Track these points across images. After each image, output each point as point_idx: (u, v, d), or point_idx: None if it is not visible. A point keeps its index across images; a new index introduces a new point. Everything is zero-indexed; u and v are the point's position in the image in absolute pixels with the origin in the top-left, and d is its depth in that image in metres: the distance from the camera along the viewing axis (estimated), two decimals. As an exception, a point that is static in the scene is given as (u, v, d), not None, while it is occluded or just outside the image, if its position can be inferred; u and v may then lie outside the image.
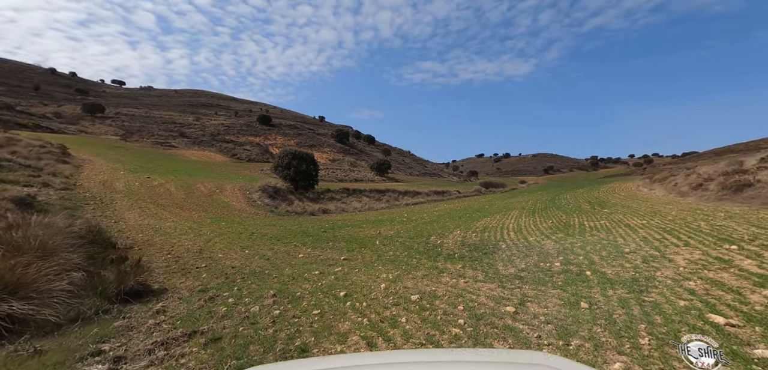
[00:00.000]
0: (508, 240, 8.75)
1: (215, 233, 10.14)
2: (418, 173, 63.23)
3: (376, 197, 28.75)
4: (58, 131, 36.18)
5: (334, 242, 9.85)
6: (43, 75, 71.38)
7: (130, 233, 9.11)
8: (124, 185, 15.97)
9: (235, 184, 20.79)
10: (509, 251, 7.41)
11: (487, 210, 17.53)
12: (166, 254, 7.31)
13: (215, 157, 38.81)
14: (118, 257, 6.04)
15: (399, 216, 17.37)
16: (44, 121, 39.60)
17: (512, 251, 7.31)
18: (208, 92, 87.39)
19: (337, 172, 45.22)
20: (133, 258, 6.10)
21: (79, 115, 46.24)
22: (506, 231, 10.28)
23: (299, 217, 17.29)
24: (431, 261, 6.88)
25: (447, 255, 7.39)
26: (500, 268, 5.98)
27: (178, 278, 5.67)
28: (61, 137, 30.73)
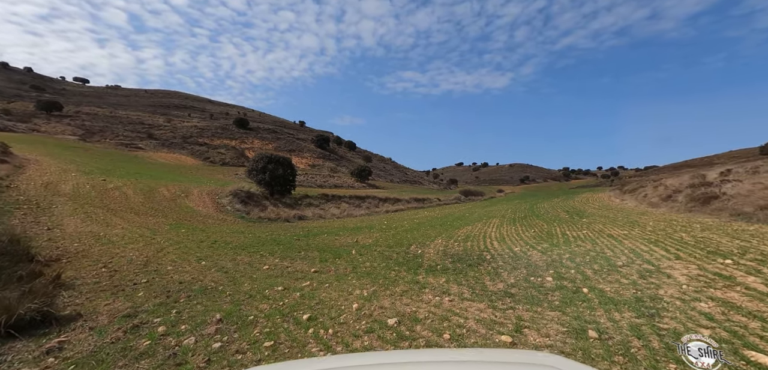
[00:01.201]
0: (492, 250, 8.19)
1: (170, 242, 8.93)
2: (398, 180, 62.86)
3: (356, 203, 27.86)
4: (3, 129, 32.79)
5: (306, 251, 8.93)
6: (-5, 68, 65.41)
7: (63, 241, 7.76)
8: (72, 187, 14.22)
9: (203, 188, 19.26)
10: (495, 262, 6.81)
11: (468, 218, 17.11)
12: (100, 267, 6.13)
13: (186, 161, 36.53)
14: (30, 273, 4.87)
15: (378, 223, 16.59)
16: (-9, 116, 35.87)
17: (498, 263, 6.72)
18: (182, 93, 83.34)
19: (316, 178, 43.93)
20: (49, 274, 4.94)
21: (31, 113, 42.34)
22: (489, 240, 9.75)
23: (272, 223, 16.12)
24: (412, 274, 6.15)
25: (429, 267, 6.69)
26: (488, 283, 5.33)
27: (104, 298, 4.59)
28: (5, 135, 27.75)
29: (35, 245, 7.26)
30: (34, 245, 7.25)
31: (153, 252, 7.63)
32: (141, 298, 4.63)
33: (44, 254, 6.53)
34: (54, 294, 4.37)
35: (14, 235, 5.92)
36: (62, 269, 5.66)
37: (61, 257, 6.54)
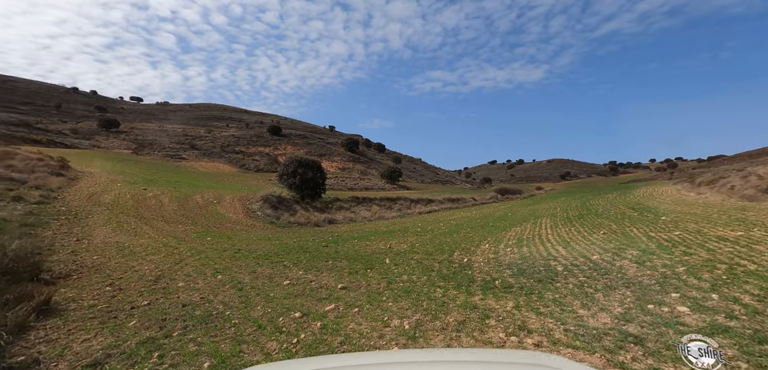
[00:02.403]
0: (560, 258, 6.50)
1: (193, 252, 8.27)
2: (429, 181, 60.90)
3: (387, 205, 26.70)
4: (70, 146, 35.84)
5: (334, 259, 7.82)
6: (65, 94, 73.14)
7: (85, 254, 7.33)
8: (113, 197, 14.46)
9: (235, 194, 19.12)
10: (573, 277, 5.18)
11: (512, 218, 15.19)
12: (106, 285, 5.42)
13: (223, 168, 37.71)
14: (20, 296, 4.16)
15: (412, 226, 15.22)
16: (59, 137, 39.50)
17: (579, 278, 5.09)
18: (221, 105, 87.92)
19: (346, 181, 43.51)
20: (40, 298, 4.20)
21: (94, 131, 46.28)
22: (549, 244, 8.01)
23: (302, 228, 15.38)
24: (464, 293, 4.74)
25: (485, 283, 5.22)
26: (582, 312, 3.78)
27: (87, 331, 3.72)
28: (69, 152, 30.12)
29: (55, 258, 6.85)
30: (54, 258, 6.84)
31: (170, 264, 6.93)
32: (129, 331, 3.70)
33: (58, 270, 6.00)
34: (26, 327, 3.56)
35: (23, 250, 5.38)
36: (62, 288, 5.00)
37: (73, 272, 5.97)
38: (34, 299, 4.14)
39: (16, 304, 3.97)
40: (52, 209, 11.27)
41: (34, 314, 3.87)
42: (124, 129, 48.85)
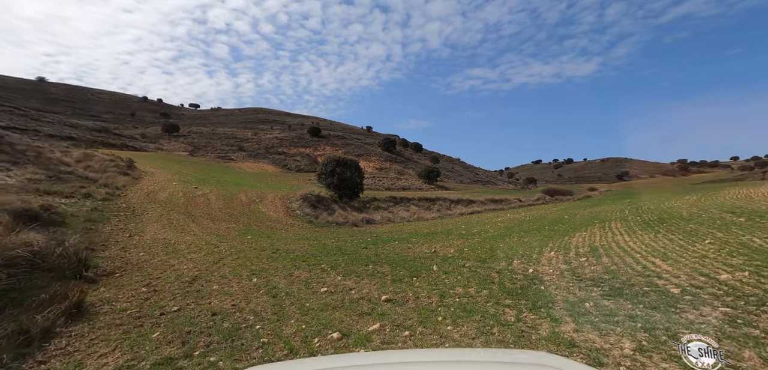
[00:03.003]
0: (666, 275, 5.08)
1: (232, 251, 8.07)
2: (469, 181, 58.35)
3: (426, 206, 25.62)
4: (139, 149, 39.68)
5: (374, 263, 7.10)
6: (138, 103, 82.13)
7: (133, 250, 7.41)
8: (167, 195, 15.26)
9: (277, 193, 19.40)
10: (709, 306, 3.84)
11: (571, 221, 13.35)
12: (145, 283, 5.21)
13: (267, 168, 39.28)
14: (54, 296, 3.97)
15: (456, 228, 14.07)
16: (131, 141, 44.06)
17: (720, 309, 3.74)
18: (267, 109, 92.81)
19: (383, 181, 43.08)
20: (74, 298, 3.97)
21: (159, 135, 51.04)
22: (637, 255, 6.50)
23: (340, 228, 14.98)
24: (546, 319, 3.70)
25: (570, 305, 4.09)
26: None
27: (108, 342, 3.35)
28: (137, 154, 33.25)
29: (105, 254, 6.96)
30: (105, 254, 6.95)
31: (209, 264, 6.69)
32: (149, 346, 3.25)
33: (105, 266, 5.99)
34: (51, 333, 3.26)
35: (74, 246, 5.37)
36: (102, 288, 4.84)
37: (117, 270, 5.91)
38: (68, 299, 3.91)
39: (49, 304, 3.75)
40: (114, 205, 12.02)
41: (63, 317, 3.61)
42: (183, 133, 53.27)
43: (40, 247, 5.02)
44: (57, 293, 4.01)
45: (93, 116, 56.05)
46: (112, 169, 19.27)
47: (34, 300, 3.81)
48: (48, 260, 4.82)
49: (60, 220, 8.76)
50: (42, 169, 15.06)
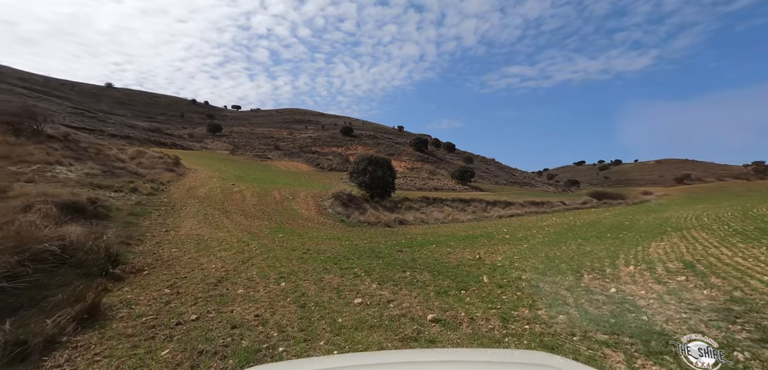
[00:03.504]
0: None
1: (262, 250, 7.68)
2: (505, 182, 55.36)
3: (460, 207, 24.27)
4: (186, 148, 42.29)
5: (412, 270, 6.29)
6: (187, 106, 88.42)
7: (165, 246, 7.26)
8: (206, 191, 15.61)
9: (309, 191, 19.27)
10: None
11: (633, 228, 11.54)
12: (170, 284, 4.85)
13: (301, 167, 39.98)
14: (71, 297, 3.63)
15: (497, 231, 12.81)
16: (180, 140, 47.17)
17: None
18: (302, 110, 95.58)
19: (415, 181, 42.07)
20: (88, 301, 3.61)
21: (204, 135, 54.27)
22: (764, 275, 5.04)
23: (372, 228, 14.34)
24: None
25: (713, 355, 3.01)
26: None
27: (113, 357, 2.87)
28: (184, 152, 35.30)
29: (140, 248, 6.84)
30: (139, 249, 6.84)
31: (237, 264, 6.29)
32: (156, 367, 2.70)
33: (136, 262, 5.78)
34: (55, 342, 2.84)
35: (99, 242, 5.17)
36: (125, 287, 4.51)
37: (147, 266, 5.66)
38: (82, 302, 3.54)
39: (64, 306, 3.39)
40: (157, 200, 12.36)
41: (74, 323, 3.21)
42: (225, 133, 56.18)
43: (72, 241, 4.84)
44: (74, 293, 3.67)
45: (149, 118, 60.98)
46: (160, 166, 20.33)
47: (51, 301, 3.49)
48: (76, 256, 4.59)
49: (105, 213, 8.99)
50: (99, 164, 16.08)
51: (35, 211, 6.67)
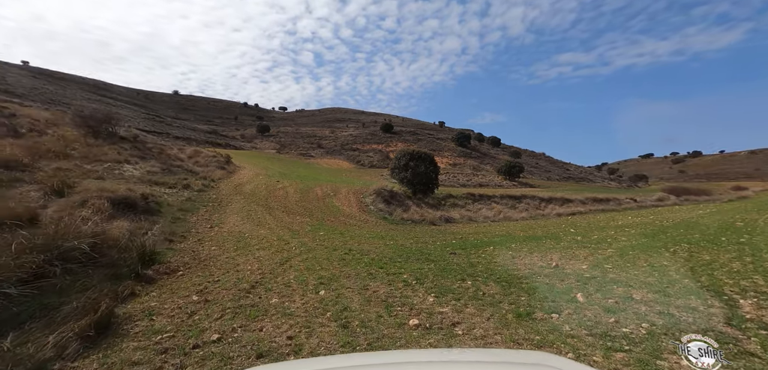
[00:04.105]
0: None
1: (302, 249, 7.04)
2: (558, 177, 50.45)
3: (511, 203, 22.09)
4: (238, 148, 44.95)
5: (473, 278, 5.14)
6: (240, 109, 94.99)
7: (207, 244, 6.94)
8: (252, 188, 15.80)
9: (350, 187, 18.75)
10: None
11: (752, 229, 8.93)
12: (200, 289, 4.30)
13: (342, 164, 40.18)
14: (84, 306, 3.12)
15: (561, 231, 10.95)
16: (233, 140, 50.39)
17: None
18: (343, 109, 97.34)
19: (458, 177, 39.98)
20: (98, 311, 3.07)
21: (254, 135, 57.46)
22: None
23: (416, 226, 13.27)
24: None
25: None
26: None
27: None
28: (236, 152, 37.37)
29: (181, 246, 6.57)
30: (180, 246, 6.56)
31: (274, 266, 5.66)
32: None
33: (171, 262, 5.40)
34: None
35: (134, 240, 4.82)
36: (153, 292, 4.02)
37: (182, 267, 5.25)
38: (93, 313, 3.00)
39: (74, 317, 2.86)
40: (206, 196, 12.60)
41: (78, 341, 2.65)
42: (273, 133, 58.93)
43: (107, 238, 4.50)
44: (89, 301, 3.16)
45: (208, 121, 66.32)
46: (212, 164, 21.34)
47: (64, 310, 3.00)
48: (109, 255, 4.20)
49: (157, 208, 9.12)
50: (160, 163, 17.12)
51: (89, 206, 6.76)
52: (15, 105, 20.81)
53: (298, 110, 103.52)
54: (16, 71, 46.48)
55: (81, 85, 56.35)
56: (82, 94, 47.04)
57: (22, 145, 13.21)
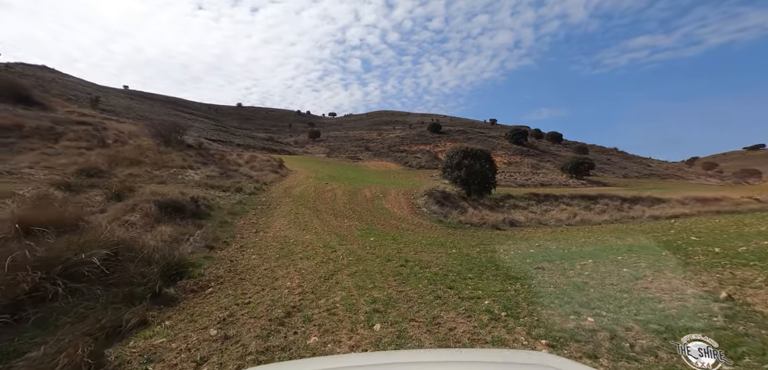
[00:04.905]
0: None
1: (351, 259, 5.93)
2: (637, 174, 43.21)
3: (585, 204, 18.77)
4: (291, 153, 46.90)
5: (595, 313, 3.43)
6: (294, 116, 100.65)
7: (247, 252, 6.21)
8: (301, 190, 15.47)
9: (399, 189, 17.51)
10: None
11: None
12: (223, 317, 3.35)
13: (390, 166, 39.26)
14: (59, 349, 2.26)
15: (678, 238, 8.27)
16: (286, 146, 52.91)
17: None
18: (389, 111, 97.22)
19: (515, 176, 36.36)
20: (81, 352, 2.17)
21: (306, 141, 59.81)
22: None
23: (478, 230, 11.49)
24: None
25: None
26: None
27: None
28: (289, 157, 38.81)
29: (220, 254, 5.90)
30: (219, 254, 5.90)
31: (318, 281, 4.59)
32: None
33: (202, 276, 4.64)
34: None
35: (155, 253, 4.09)
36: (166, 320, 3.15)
37: (213, 282, 4.44)
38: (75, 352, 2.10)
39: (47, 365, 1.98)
40: (257, 199, 12.39)
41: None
42: (323, 138, 60.69)
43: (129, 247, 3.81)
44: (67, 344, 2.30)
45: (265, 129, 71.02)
46: (266, 168, 21.86)
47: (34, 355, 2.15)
48: (127, 269, 3.47)
49: (206, 211, 8.87)
50: (219, 168, 17.80)
51: (138, 210, 6.52)
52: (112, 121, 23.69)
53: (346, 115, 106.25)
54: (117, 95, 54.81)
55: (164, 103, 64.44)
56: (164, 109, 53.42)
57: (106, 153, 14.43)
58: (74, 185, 8.28)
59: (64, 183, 8.04)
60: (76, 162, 11.97)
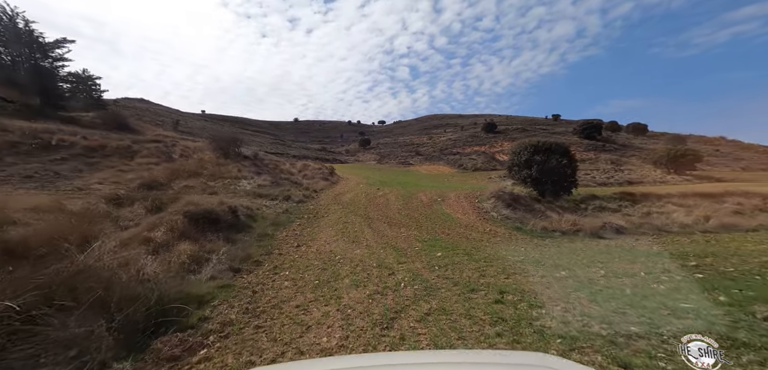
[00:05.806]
0: None
1: (418, 288, 4.09)
2: (763, 166, 33.63)
3: (708, 205, 14.11)
4: (342, 161, 47.19)
5: None
6: (345, 127, 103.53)
7: (283, 273, 4.81)
8: (351, 197, 14.21)
9: (459, 191, 15.21)
10: None
11: None
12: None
13: (443, 169, 36.71)
14: None
15: None
16: (338, 155, 53.66)
17: None
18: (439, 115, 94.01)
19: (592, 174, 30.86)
20: None
21: (357, 149, 60.19)
22: None
23: (574, 240, 8.75)
24: None
25: None
26: None
27: None
28: (340, 165, 38.76)
29: (241, 281, 4.55)
30: (242, 281, 4.55)
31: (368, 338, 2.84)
32: None
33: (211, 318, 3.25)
34: None
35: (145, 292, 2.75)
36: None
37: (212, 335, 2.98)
38: None
39: None
40: (304, 207, 11.36)
41: None
42: (373, 145, 60.44)
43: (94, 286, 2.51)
44: None
45: (319, 141, 73.72)
46: (318, 176, 21.36)
47: None
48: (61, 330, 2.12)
49: (246, 222, 7.86)
50: (272, 177, 17.56)
51: (164, 224, 5.59)
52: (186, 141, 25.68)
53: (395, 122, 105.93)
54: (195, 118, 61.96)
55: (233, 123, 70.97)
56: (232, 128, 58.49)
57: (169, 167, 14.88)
58: (125, 199, 7.98)
59: (114, 197, 7.77)
60: (142, 176, 12.29)
